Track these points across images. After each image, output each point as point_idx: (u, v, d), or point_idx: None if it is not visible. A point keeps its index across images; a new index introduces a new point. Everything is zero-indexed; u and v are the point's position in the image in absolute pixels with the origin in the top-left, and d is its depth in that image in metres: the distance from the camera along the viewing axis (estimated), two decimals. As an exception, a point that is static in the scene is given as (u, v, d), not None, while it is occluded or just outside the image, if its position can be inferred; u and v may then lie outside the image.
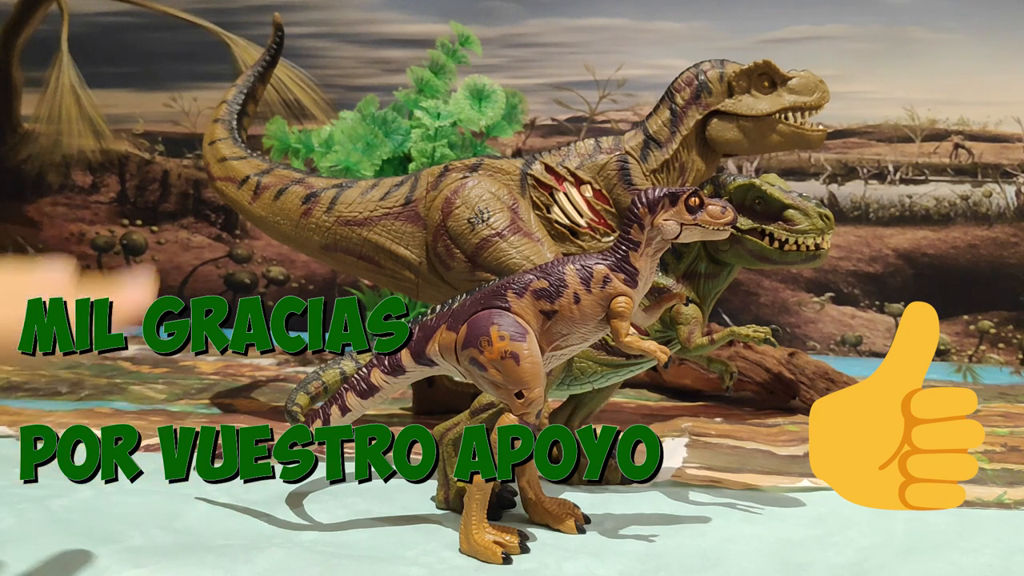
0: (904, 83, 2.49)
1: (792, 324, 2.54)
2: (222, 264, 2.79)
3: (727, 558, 1.13)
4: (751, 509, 1.31)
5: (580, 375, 1.34)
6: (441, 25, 2.23)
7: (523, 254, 1.35)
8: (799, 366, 1.89)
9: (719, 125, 1.39)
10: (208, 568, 1.07)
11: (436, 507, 1.29)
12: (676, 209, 1.10)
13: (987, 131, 2.48)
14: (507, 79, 2.47)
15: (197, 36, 2.74)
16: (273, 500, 1.30)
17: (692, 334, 1.30)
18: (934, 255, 2.50)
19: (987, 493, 1.39)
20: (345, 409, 1.17)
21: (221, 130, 1.73)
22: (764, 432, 1.72)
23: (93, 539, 1.14)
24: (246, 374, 2.14)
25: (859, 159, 2.52)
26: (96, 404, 1.82)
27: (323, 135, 2.00)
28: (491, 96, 1.93)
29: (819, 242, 1.28)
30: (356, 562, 1.10)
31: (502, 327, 1.10)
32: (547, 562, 1.11)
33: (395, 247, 1.47)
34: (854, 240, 2.51)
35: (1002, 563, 1.14)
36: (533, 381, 1.10)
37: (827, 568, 1.11)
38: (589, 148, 1.41)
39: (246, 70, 1.87)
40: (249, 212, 1.62)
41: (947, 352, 2.48)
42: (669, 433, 1.69)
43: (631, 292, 1.11)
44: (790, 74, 1.38)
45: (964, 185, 2.49)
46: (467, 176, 1.42)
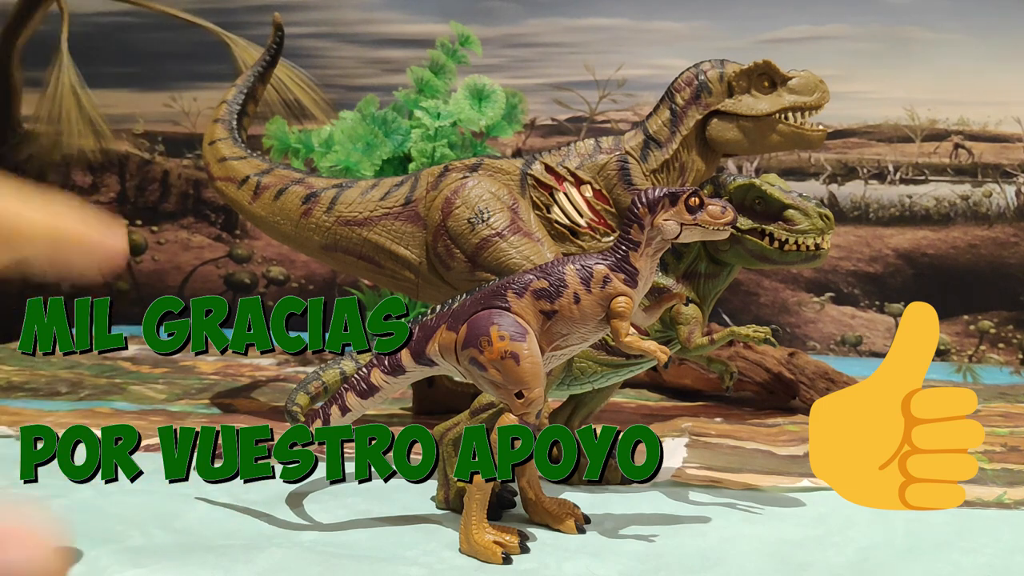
0: (904, 83, 2.49)
1: (792, 324, 2.54)
2: (222, 264, 2.79)
3: (727, 558, 1.13)
4: (751, 509, 1.31)
5: (580, 375, 1.34)
6: (441, 25, 2.23)
7: (523, 254, 1.35)
8: (799, 366, 1.89)
9: (719, 125, 1.39)
10: (208, 568, 1.07)
11: (436, 507, 1.29)
12: (676, 209, 1.10)
13: (987, 131, 2.48)
14: (507, 79, 2.47)
15: (197, 36, 2.74)
16: (273, 500, 1.30)
17: (692, 334, 1.30)
18: (934, 255, 2.50)
19: (987, 493, 1.39)
20: (345, 409, 1.17)
21: (221, 130, 1.73)
22: (764, 432, 1.72)
23: (93, 539, 1.14)
24: (246, 374, 2.14)
25: (859, 159, 2.52)
26: (96, 404, 1.82)
27: (323, 135, 2.00)
28: (491, 96, 1.93)
29: (819, 242, 1.28)
30: (356, 562, 1.10)
31: (502, 327, 1.10)
32: (547, 562, 1.11)
33: (395, 247, 1.47)
34: (854, 240, 2.51)
35: (1002, 563, 1.14)
36: (533, 381, 1.10)
37: (827, 568, 1.11)
38: (589, 148, 1.41)
39: (246, 70, 1.87)
40: (249, 212, 1.62)
41: (947, 352, 2.48)
42: (669, 433, 1.69)
43: (631, 292, 1.11)
44: (790, 74, 1.38)
45: (964, 185, 2.49)
46: (467, 176, 1.42)
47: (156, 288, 2.82)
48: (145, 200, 2.82)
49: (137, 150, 2.81)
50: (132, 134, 2.81)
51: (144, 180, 2.82)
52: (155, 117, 2.80)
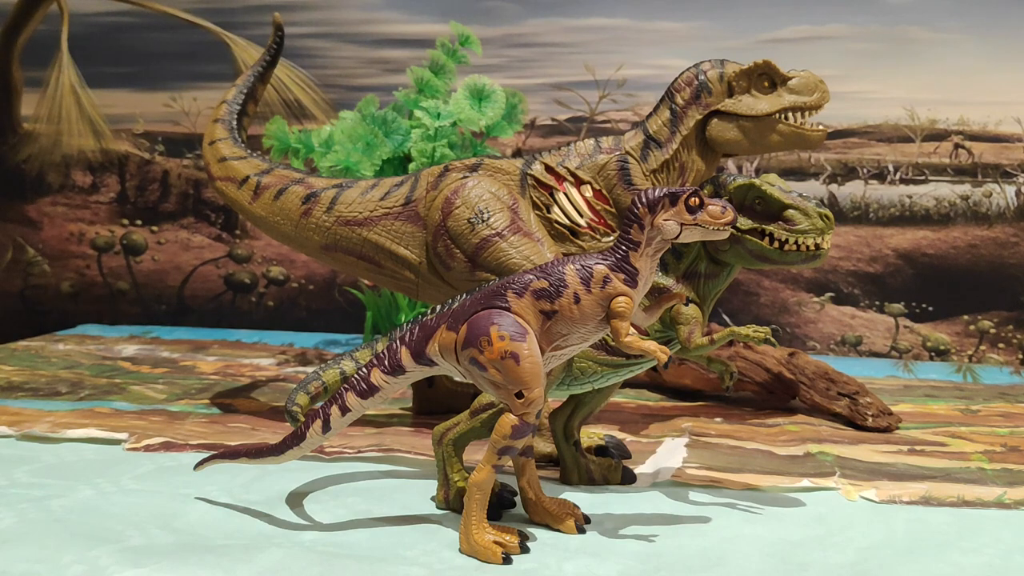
0: (904, 83, 2.49)
1: (792, 324, 2.54)
2: (222, 264, 2.79)
3: (727, 558, 1.13)
4: (751, 509, 1.31)
5: (580, 375, 1.34)
6: (441, 25, 2.23)
7: (523, 254, 1.35)
8: (799, 366, 1.89)
9: (719, 125, 1.39)
10: (208, 568, 1.07)
11: (436, 507, 1.29)
12: (676, 209, 1.10)
13: (987, 131, 2.48)
14: (507, 79, 2.48)
15: (197, 36, 2.74)
16: (273, 500, 1.30)
17: (692, 334, 1.30)
18: (934, 255, 2.50)
19: (987, 493, 1.39)
20: (345, 409, 1.17)
21: (221, 130, 1.73)
22: (764, 432, 1.72)
23: (93, 539, 1.14)
24: (246, 374, 2.14)
25: (859, 159, 2.53)
26: (96, 404, 1.82)
27: (323, 135, 2.00)
28: (491, 96, 1.93)
29: (819, 242, 1.28)
30: (356, 562, 1.10)
31: (502, 327, 1.10)
32: (547, 562, 1.11)
33: (395, 247, 1.47)
34: (854, 240, 2.51)
35: (1002, 563, 1.14)
36: (533, 381, 1.10)
37: (827, 568, 1.11)
38: (589, 148, 1.41)
39: (246, 70, 1.87)
40: (249, 212, 1.62)
41: (947, 352, 2.48)
42: (669, 433, 1.69)
43: (631, 292, 1.11)
44: (790, 74, 1.38)
45: (964, 185, 2.49)
46: (467, 176, 1.42)
47: (156, 288, 2.82)
48: (145, 200, 2.82)
49: (137, 150, 2.81)
50: (132, 134, 2.81)
51: (144, 180, 2.82)
52: (155, 117, 2.80)
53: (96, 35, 2.79)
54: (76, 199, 2.84)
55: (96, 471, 1.41)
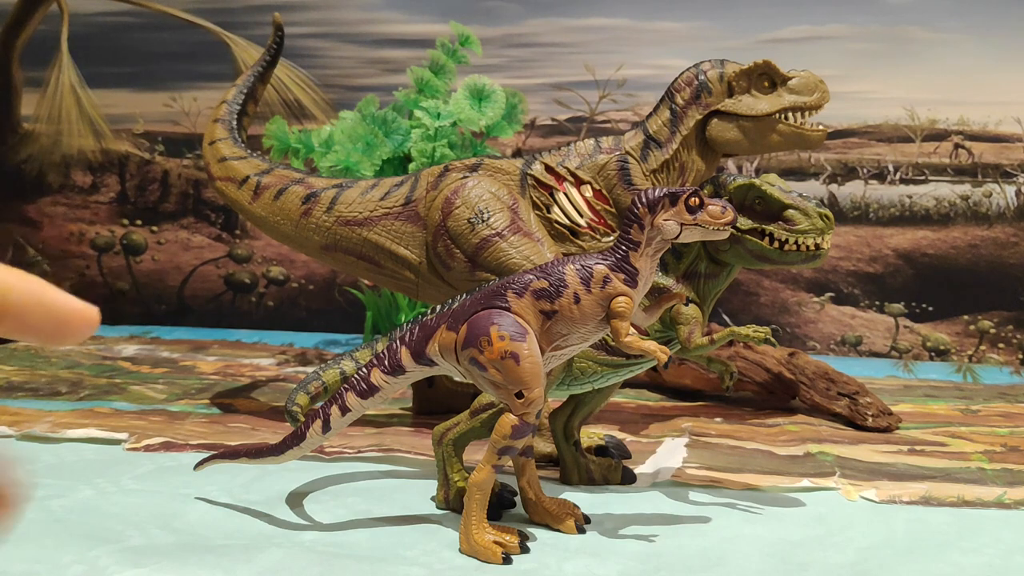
0: (904, 83, 2.49)
1: (792, 324, 2.54)
2: (222, 264, 2.79)
3: (727, 558, 1.13)
4: (751, 509, 1.31)
5: (580, 375, 1.34)
6: (441, 25, 2.23)
7: (523, 254, 1.35)
8: (799, 366, 1.89)
9: (719, 125, 1.39)
10: (208, 568, 1.07)
11: (436, 507, 1.29)
12: (676, 209, 1.10)
13: (987, 131, 2.48)
14: (507, 79, 2.47)
15: (197, 36, 2.74)
16: (273, 500, 1.30)
17: (692, 334, 1.30)
18: (934, 255, 2.49)
19: (987, 493, 1.39)
20: (345, 409, 1.17)
21: (221, 130, 1.73)
22: (764, 432, 1.72)
23: (93, 539, 1.14)
24: (246, 374, 2.14)
25: (859, 159, 2.52)
26: (96, 404, 1.82)
27: (323, 135, 2.00)
28: (491, 96, 1.93)
29: (819, 242, 1.28)
30: (356, 562, 1.10)
31: (502, 327, 1.10)
32: (547, 562, 1.11)
33: (395, 247, 1.47)
34: (854, 240, 2.51)
35: (1002, 563, 1.14)
36: (533, 381, 1.10)
37: (827, 568, 1.11)
38: (589, 148, 1.41)
39: (246, 70, 1.87)
40: (249, 212, 1.62)
41: (947, 352, 2.48)
42: (669, 433, 1.69)
43: (631, 292, 1.11)
44: (790, 74, 1.38)
45: (964, 185, 2.49)
46: (467, 176, 1.42)
47: (156, 288, 2.82)
48: (145, 200, 2.82)
49: (137, 150, 2.81)
50: (132, 134, 2.81)
51: (144, 180, 2.82)
52: (155, 117, 2.80)
53: (96, 35, 2.79)
54: (76, 199, 2.84)
55: (96, 471, 1.41)
